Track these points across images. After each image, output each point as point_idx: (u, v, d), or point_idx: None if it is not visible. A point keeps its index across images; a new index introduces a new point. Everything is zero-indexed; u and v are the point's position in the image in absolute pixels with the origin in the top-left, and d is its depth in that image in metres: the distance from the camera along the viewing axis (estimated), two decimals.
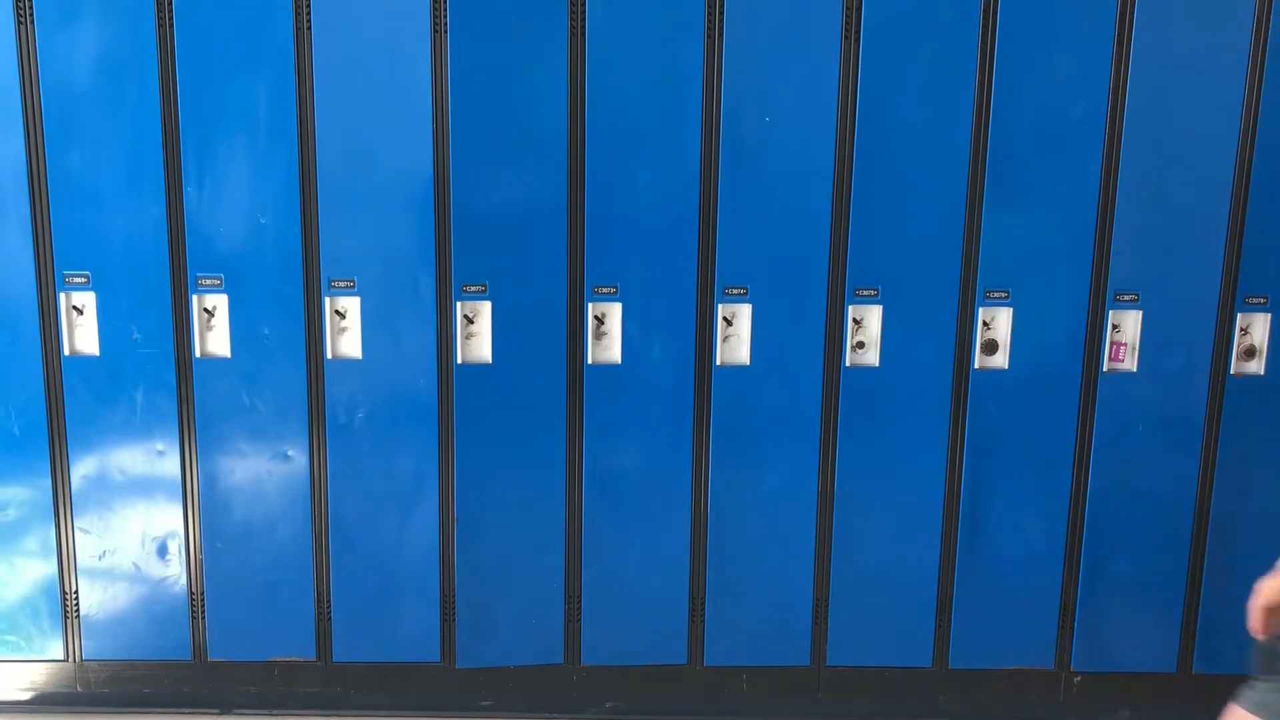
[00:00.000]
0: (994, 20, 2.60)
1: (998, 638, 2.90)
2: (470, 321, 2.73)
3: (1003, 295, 2.72)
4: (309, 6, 2.58)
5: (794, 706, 2.93)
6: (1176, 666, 2.92)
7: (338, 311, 2.71)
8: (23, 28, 2.57)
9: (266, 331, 2.71)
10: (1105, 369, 2.76)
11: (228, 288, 2.69)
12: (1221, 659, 2.92)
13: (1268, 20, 2.61)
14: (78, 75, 2.59)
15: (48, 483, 2.78)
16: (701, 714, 2.92)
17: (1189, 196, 2.69)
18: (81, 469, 2.77)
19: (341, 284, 2.70)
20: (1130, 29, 2.61)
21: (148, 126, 2.62)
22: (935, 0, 2.60)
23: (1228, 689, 2.97)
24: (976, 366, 2.74)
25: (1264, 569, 2.85)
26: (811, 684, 2.92)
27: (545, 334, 2.73)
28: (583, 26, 2.62)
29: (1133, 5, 2.59)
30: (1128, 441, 2.79)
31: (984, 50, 2.61)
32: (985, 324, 2.73)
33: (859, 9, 2.59)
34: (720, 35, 2.59)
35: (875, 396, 2.76)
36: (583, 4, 2.61)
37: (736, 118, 2.63)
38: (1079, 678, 2.94)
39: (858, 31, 2.60)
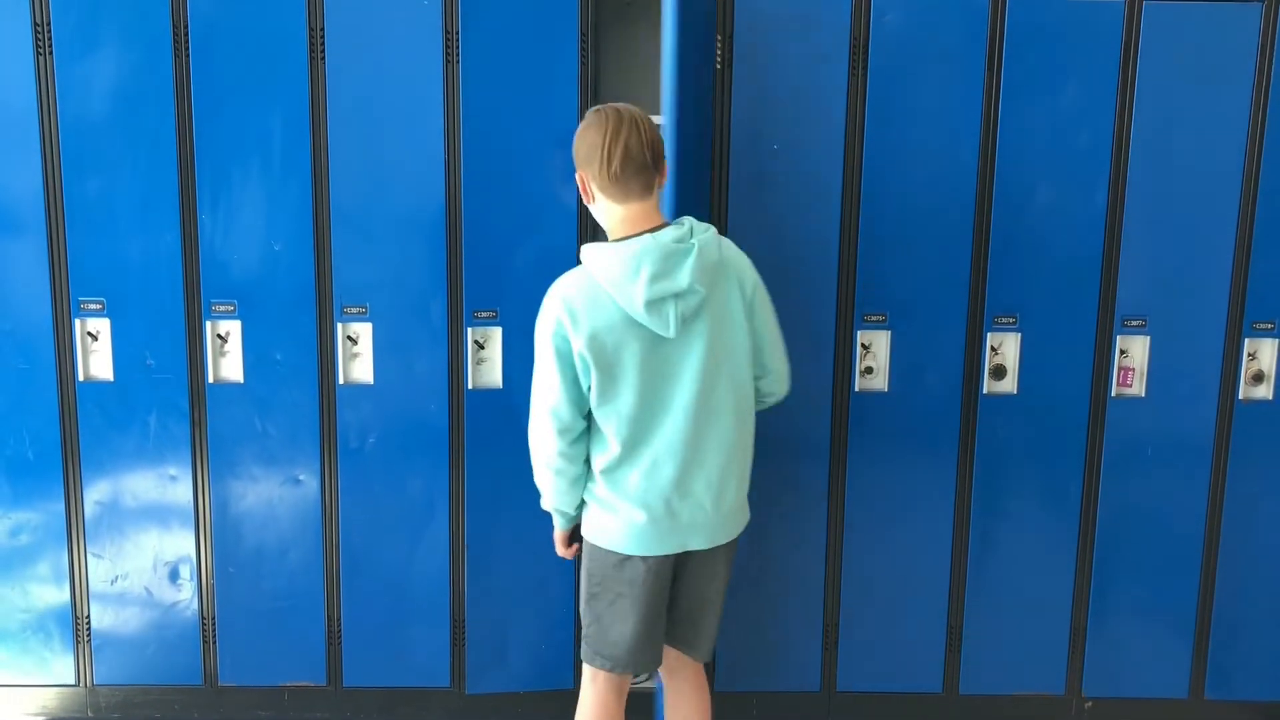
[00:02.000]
0: (1000, 49, 2.62)
1: (1008, 663, 2.90)
2: (481, 347, 2.75)
3: (1011, 321, 2.73)
4: (323, 37, 2.62)
5: None
6: (1188, 692, 2.91)
7: (350, 337, 2.74)
8: (42, 58, 2.61)
9: (279, 357, 2.73)
10: (1113, 394, 2.76)
11: (241, 314, 2.71)
12: (1234, 685, 2.91)
13: (1272, 47, 2.63)
14: (95, 105, 2.63)
15: (61, 507, 2.80)
16: None
17: (1196, 222, 2.71)
18: (94, 494, 2.79)
19: (354, 310, 2.72)
20: (1134, 59, 2.63)
21: (163, 155, 2.65)
22: (943, 28, 2.62)
23: (1240, 715, 2.97)
24: (985, 391, 2.75)
25: (1275, 594, 2.86)
26: (822, 709, 2.91)
27: None
28: (594, 53, 2.65)
29: (1137, 35, 2.62)
30: (1137, 466, 2.79)
31: (990, 75, 2.64)
32: (994, 349, 2.74)
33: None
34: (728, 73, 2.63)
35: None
36: (592, 31, 2.64)
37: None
38: (1090, 703, 2.92)
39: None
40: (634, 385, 2.07)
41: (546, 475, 2.19)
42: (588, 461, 2.17)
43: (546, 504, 2.25)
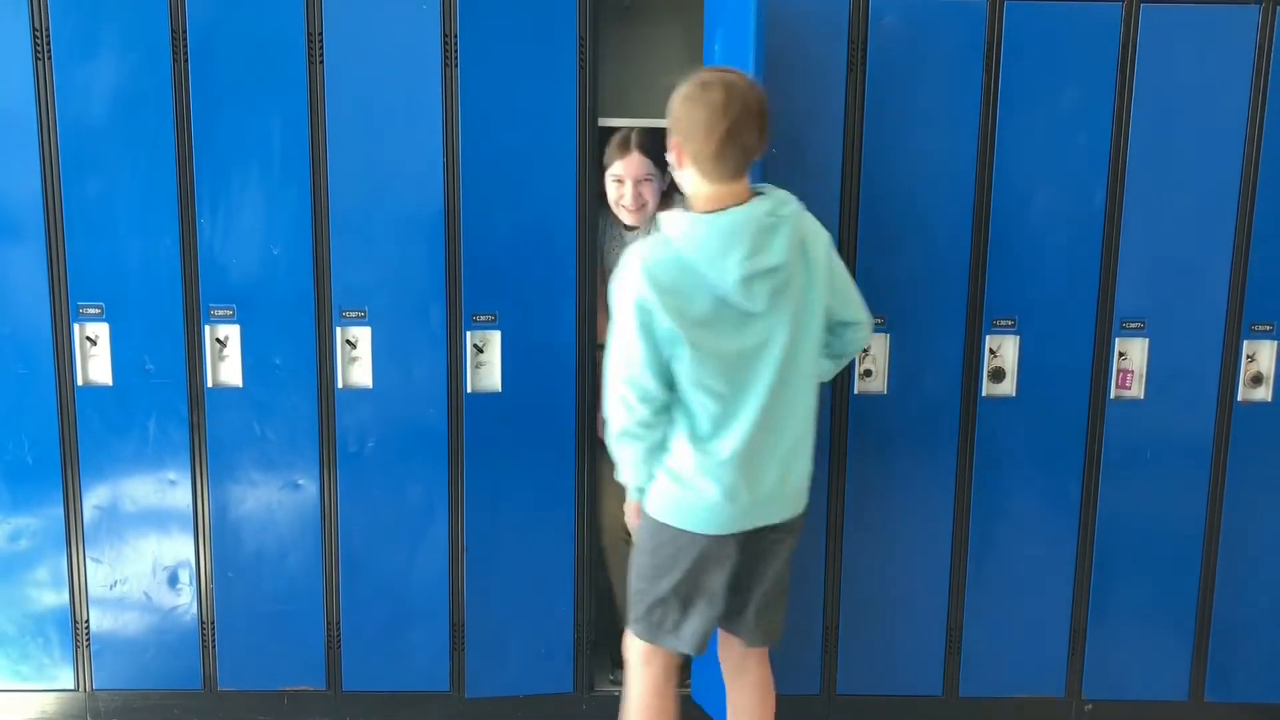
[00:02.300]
0: (998, 51, 2.63)
1: (1008, 665, 2.90)
2: (480, 350, 2.75)
3: (1010, 323, 2.73)
4: (321, 41, 2.62)
5: None
6: (1188, 694, 2.91)
7: (349, 341, 2.74)
8: (40, 63, 2.61)
9: (278, 361, 2.73)
10: (1112, 396, 2.76)
11: (240, 318, 2.71)
12: (1234, 687, 2.91)
13: (1269, 48, 2.63)
14: (94, 109, 2.63)
15: (60, 512, 2.79)
16: None
17: (1194, 224, 2.71)
18: (93, 498, 2.79)
19: (353, 314, 2.72)
20: (1133, 61, 2.63)
21: (162, 159, 2.65)
22: (941, 29, 2.63)
23: (1241, 717, 2.97)
24: (984, 394, 2.75)
25: (1275, 595, 2.86)
26: (822, 712, 2.91)
27: (555, 363, 2.75)
28: (592, 56, 2.65)
29: (1135, 37, 2.62)
30: (1137, 468, 2.80)
31: (989, 76, 2.64)
32: (993, 351, 2.74)
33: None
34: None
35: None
36: (591, 34, 2.64)
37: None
38: (1090, 706, 2.92)
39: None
40: (720, 360, 2.05)
41: (624, 444, 2.15)
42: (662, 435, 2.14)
43: (623, 475, 2.23)
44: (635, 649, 2.31)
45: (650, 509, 2.20)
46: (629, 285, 2.04)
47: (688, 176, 2.09)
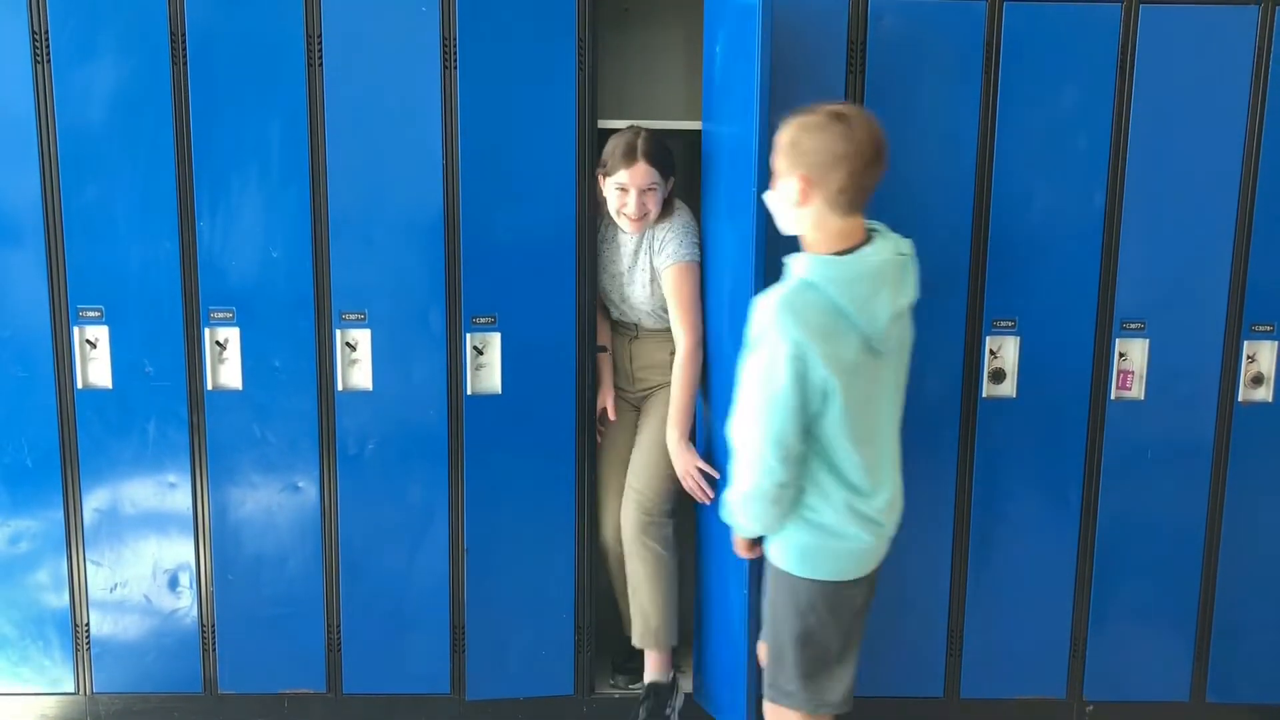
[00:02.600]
0: (998, 52, 2.63)
1: (1009, 667, 2.89)
2: (480, 352, 2.74)
3: (1010, 324, 2.73)
4: (320, 44, 2.62)
5: None
6: (1189, 695, 2.91)
7: (349, 343, 2.73)
8: (39, 67, 2.61)
9: (278, 364, 2.73)
10: (1113, 397, 2.76)
11: (239, 321, 2.71)
12: (1235, 688, 2.91)
13: (1269, 48, 2.63)
14: (93, 112, 2.63)
15: (60, 515, 2.79)
16: None
17: (1194, 224, 2.71)
18: (93, 501, 2.79)
19: (353, 316, 2.72)
20: (1132, 62, 2.63)
21: (161, 162, 2.65)
22: (941, 30, 2.63)
23: (1242, 718, 2.96)
24: (984, 395, 2.75)
25: (1276, 596, 2.86)
26: None
27: (554, 365, 2.75)
28: (592, 59, 2.65)
29: (1135, 38, 2.62)
30: (1137, 469, 2.79)
31: (988, 76, 2.64)
32: (993, 353, 2.74)
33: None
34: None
35: None
36: (590, 36, 2.64)
37: None
38: (1091, 707, 2.92)
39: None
40: (863, 406, 1.97)
41: (763, 506, 2.01)
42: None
43: (748, 531, 2.12)
44: (789, 713, 2.16)
45: (790, 566, 2.08)
46: (782, 339, 1.88)
47: (810, 215, 1.97)
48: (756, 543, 2.18)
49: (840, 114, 1.92)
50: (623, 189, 2.66)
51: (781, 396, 1.90)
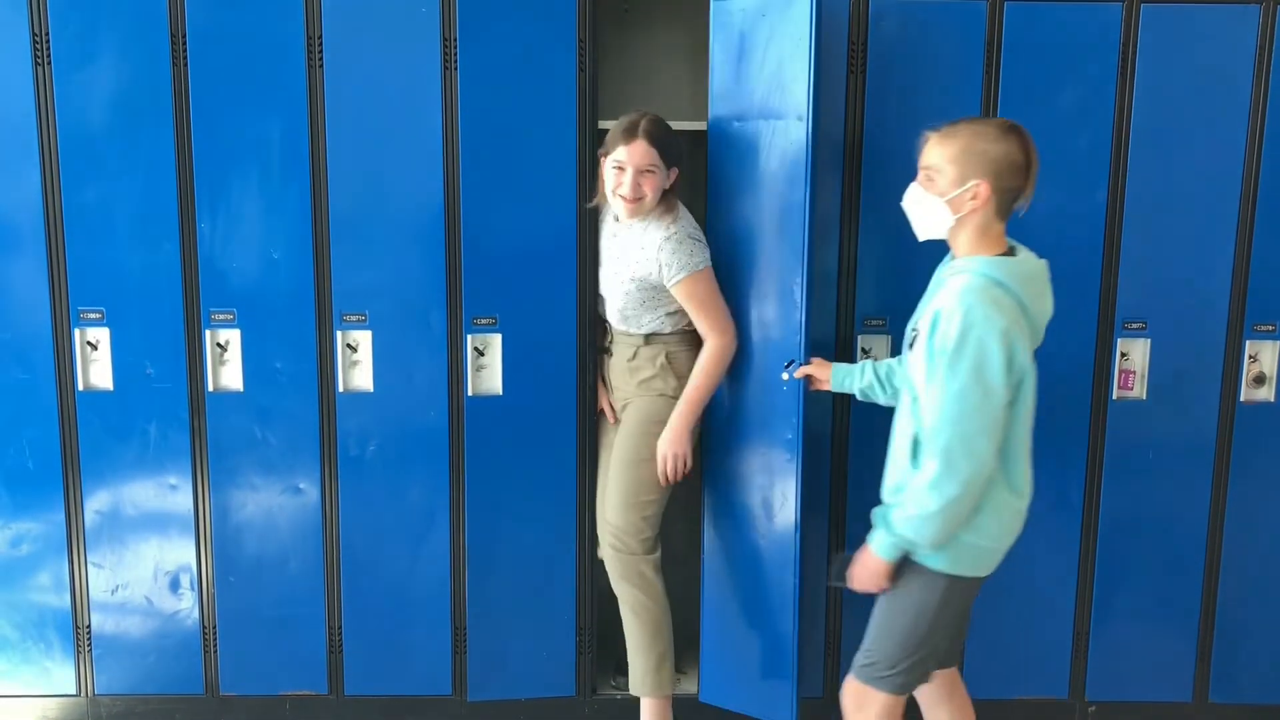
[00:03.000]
0: (998, 51, 2.63)
1: (1011, 667, 2.89)
2: (481, 354, 2.74)
3: None
4: (320, 45, 2.62)
5: None
6: (1192, 696, 2.90)
7: (350, 345, 2.73)
8: (40, 69, 2.61)
9: (279, 365, 2.73)
10: (1114, 397, 2.76)
11: (240, 322, 2.71)
12: (1238, 688, 2.91)
13: (1270, 48, 2.63)
14: (94, 114, 2.63)
15: (61, 517, 2.79)
16: None
17: (1196, 224, 2.71)
18: (95, 503, 2.79)
19: (353, 318, 2.72)
20: (1133, 62, 2.63)
21: (162, 164, 2.65)
22: (941, 31, 2.62)
23: (1244, 718, 2.96)
24: None
25: (1278, 596, 2.85)
26: (824, 715, 2.90)
27: (555, 366, 2.75)
28: (592, 59, 2.65)
29: (1135, 38, 2.62)
30: (1139, 469, 2.79)
31: (988, 78, 2.64)
32: None
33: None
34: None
35: None
36: (590, 37, 2.64)
37: None
38: (1093, 708, 2.92)
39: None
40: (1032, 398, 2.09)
41: (965, 507, 2.04)
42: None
43: (932, 539, 2.07)
44: (884, 706, 2.20)
45: (942, 565, 2.11)
46: (985, 325, 1.96)
47: (977, 220, 2.08)
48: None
49: (1014, 126, 2.08)
50: (619, 167, 2.52)
51: (996, 383, 1.97)
